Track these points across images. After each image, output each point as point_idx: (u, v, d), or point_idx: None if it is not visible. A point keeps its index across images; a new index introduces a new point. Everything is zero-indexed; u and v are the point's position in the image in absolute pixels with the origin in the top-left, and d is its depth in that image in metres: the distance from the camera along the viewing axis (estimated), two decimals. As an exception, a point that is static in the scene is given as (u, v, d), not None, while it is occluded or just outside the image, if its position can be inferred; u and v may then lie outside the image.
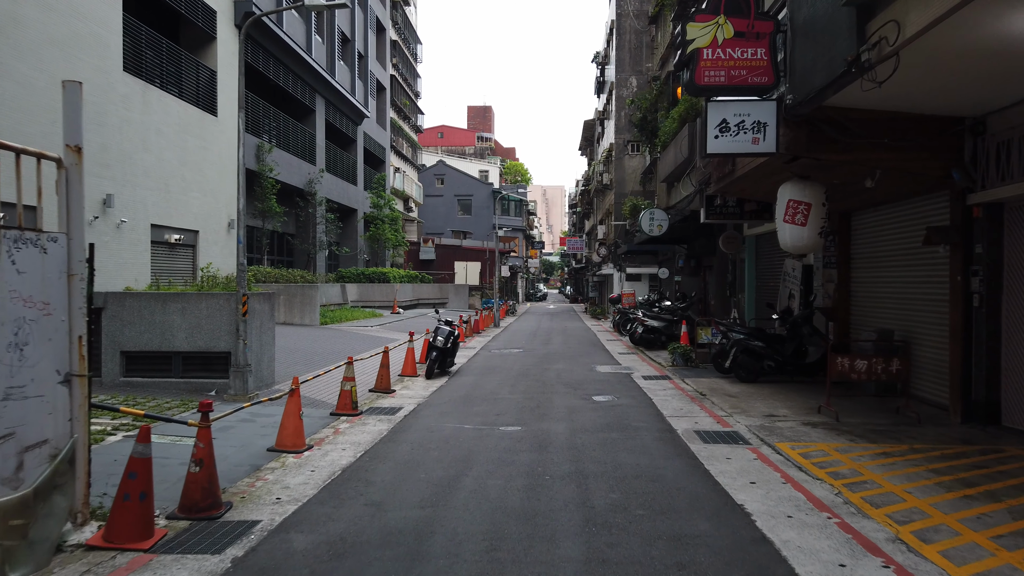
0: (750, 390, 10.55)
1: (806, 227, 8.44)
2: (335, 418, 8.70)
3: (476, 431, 7.89)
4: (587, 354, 17.03)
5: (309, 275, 27.16)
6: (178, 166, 19.33)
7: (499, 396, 10.44)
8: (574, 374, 13.00)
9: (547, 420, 8.48)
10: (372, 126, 40.54)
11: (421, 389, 11.28)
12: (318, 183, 29.52)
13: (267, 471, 6.24)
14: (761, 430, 7.75)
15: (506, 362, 15.23)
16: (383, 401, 10.11)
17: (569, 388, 11.21)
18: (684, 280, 25.77)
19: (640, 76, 32.89)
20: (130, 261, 17.04)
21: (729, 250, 16.86)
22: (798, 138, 8.22)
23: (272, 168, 24.61)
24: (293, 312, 22.62)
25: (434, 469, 6.29)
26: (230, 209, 22.39)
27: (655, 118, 26.39)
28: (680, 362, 13.45)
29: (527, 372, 13.35)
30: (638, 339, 17.49)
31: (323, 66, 30.36)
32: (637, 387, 11.31)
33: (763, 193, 11.08)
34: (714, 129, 8.29)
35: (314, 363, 13.70)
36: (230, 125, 22.27)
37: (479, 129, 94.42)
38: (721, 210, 12.76)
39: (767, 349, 11.11)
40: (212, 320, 10.09)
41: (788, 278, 13.25)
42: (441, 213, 62.95)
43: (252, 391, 9.78)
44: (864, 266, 11.22)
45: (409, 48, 55.08)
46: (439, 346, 12.69)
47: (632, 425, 8.12)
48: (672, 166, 15.16)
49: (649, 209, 17.32)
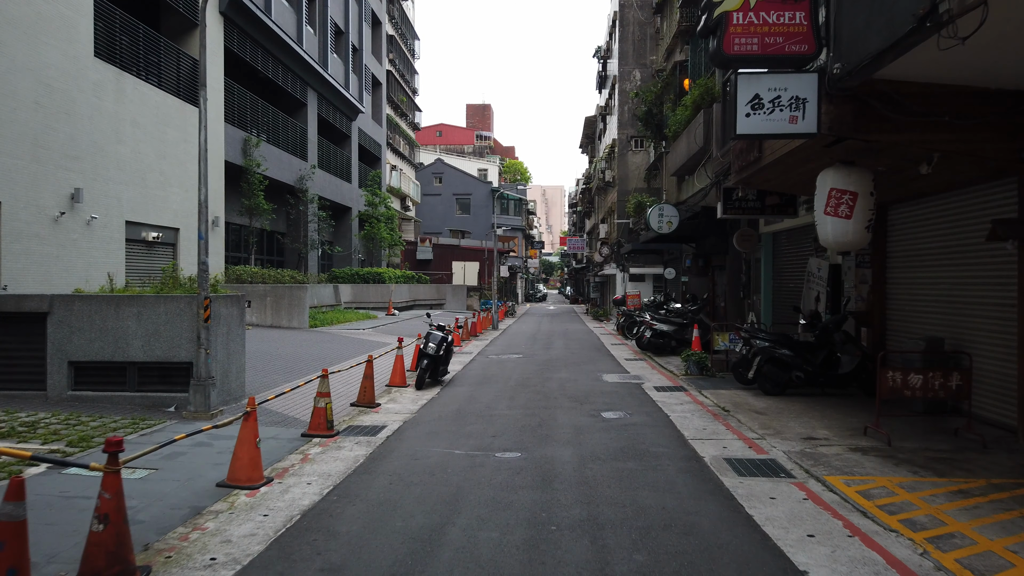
0: (778, 405, 9.38)
1: (851, 220, 7.27)
2: (306, 440, 7.53)
3: (468, 459, 6.73)
4: (591, 360, 15.86)
5: (299, 275, 26.00)
6: (156, 159, 18.17)
7: (496, 412, 9.27)
8: (579, 384, 11.84)
9: (551, 444, 7.31)
10: (367, 122, 39.38)
11: (409, 402, 10.12)
12: (310, 180, 28.36)
13: (209, 516, 5.08)
14: (803, 457, 6.59)
15: (504, 370, 14.07)
16: (365, 418, 8.94)
17: (574, 402, 10.04)
18: (691, 281, 24.61)
19: (644, 69, 31.72)
20: (101, 260, 15.86)
21: (744, 248, 15.70)
22: (843, 116, 7.06)
23: (260, 163, 23.45)
24: (280, 314, 21.46)
25: (414, 514, 5.13)
26: (215, 205, 21.23)
27: (661, 111, 25.22)
28: (695, 371, 12.30)
29: (527, 382, 12.19)
30: (646, 344, 16.34)
31: (315, 58, 29.19)
32: (650, 400, 10.14)
33: (792, 184, 9.93)
34: (745, 107, 7.13)
35: (296, 371, 12.55)
36: (214, 116, 21.10)
37: (478, 128, 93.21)
38: (740, 204, 11.61)
39: (795, 358, 9.94)
40: (172, 326, 8.92)
41: (813, 279, 12.09)
42: (439, 212, 61.77)
43: (216, 407, 8.62)
44: (902, 265, 10.07)
45: (406, 44, 53.90)
46: (430, 354, 11.54)
47: (650, 451, 6.95)
48: (684, 157, 14.01)
49: (657, 205, 16.18)
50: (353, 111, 35.56)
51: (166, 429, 7.75)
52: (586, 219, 60.29)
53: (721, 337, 12.27)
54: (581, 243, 56.66)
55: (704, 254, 22.06)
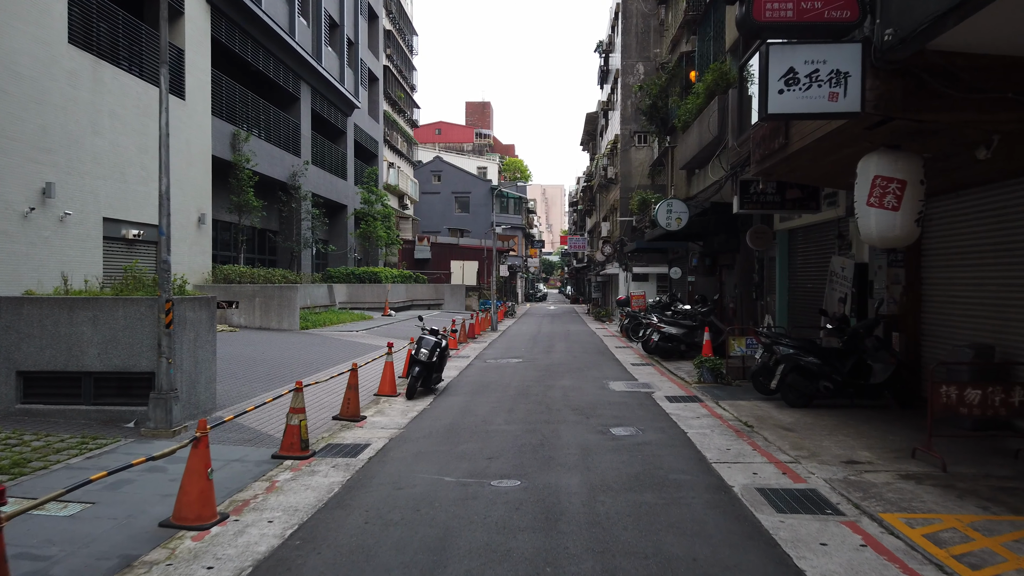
0: (807, 419, 8.46)
1: (899, 212, 6.36)
2: (276, 464, 6.62)
3: (459, 488, 5.81)
4: (595, 365, 14.95)
5: (292, 275, 25.11)
6: (137, 153, 17.25)
7: (492, 427, 8.35)
8: (583, 393, 10.92)
9: (554, 469, 6.39)
10: (364, 118, 38.45)
11: (399, 415, 9.21)
12: (303, 176, 27.43)
13: (141, 569, 4.17)
14: (848, 487, 5.68)
15: (503, 376, 13.15)
16: (347, 434, 8.02)
17: (579, 415, 9.12)
18: (698, 280, 23.70)
19: (648, 63, 30.80)
20: (77, 259, 14.94)
21: (758, 246, 14.79)
22: (891, 93, 6.15)
23: (249, 158, 22.52)
24: (270, 316, 20.55)
25: (391, 568, 4.21)
26: (201, 202, 20.33)
27: (666, 105, 24.30)
28: (709, 378, 11.38)
29: (527, 390, 11.27)
30: (653, 348, 15.42)
31: (308, 51, 28.26)
32: (663, 413, 9.22)
33: (820, 175, 9.01)
34: (778, 82, 6.22)
35: (280, 378, 11.64)
36: (200, 109, 20.20)
37: (477, 126, 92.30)
38: (759, 198, 10.69)
39: (823, 367, 9.02)
40: (132, 332, 8.01)
41: (836, 279, 11.18)
42: (438, 211, 60.85)
43: (180, 422, 7.70)
44: (941, 264, 9.16)
45: (404, 39, 52.97)
46: (423, 360, 10.62)
47: (670, 478, 6.04)
48: (695, 149, 13.10)
49: (665, 200, 15.24)
50: (348, 106, 34.63)
51: (118, 450, 6.84)
52: (587, 218, 59.37)
53: (737, 342, 11.35)
54: (582, 242, 55.76)
55: (712, 253, 21.16)
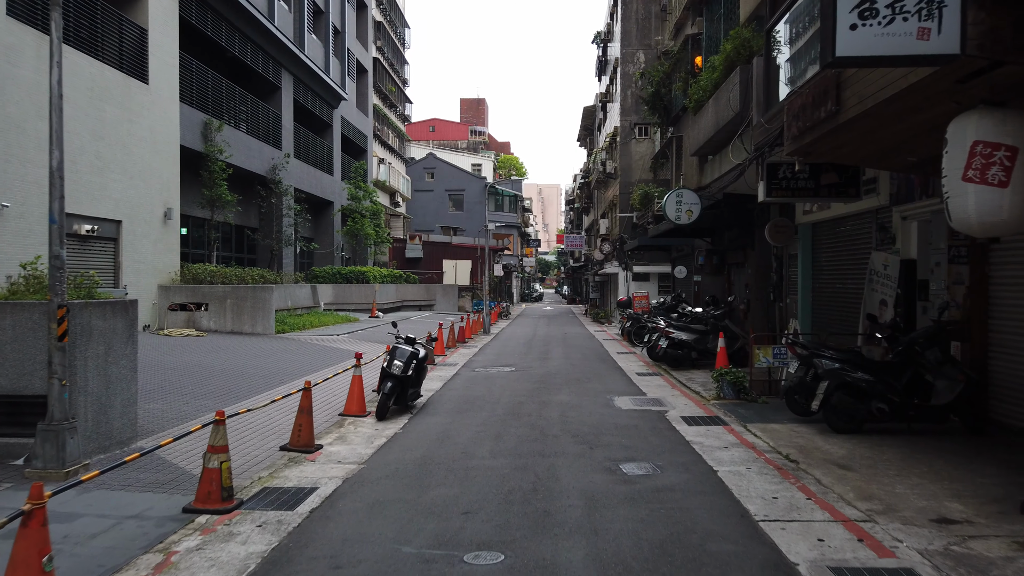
0: (862, 450, 6.88)
1: (1007, 189, 4.80)
2: (185, 521, 5.02)
3: (420, 568, 4.22)
4: (597, 375, 13.36)
5: (271, 275, 23.48)
6: (91, 140, 15.64)
7: (474, 461, 6.76)
8: (585, 412, 9.33)
9: (550, 532, 4.80)
10: (352, 111, 36.81)
11: (362, 443, 7.61)
12: (283, 169, 25.79)
13: None
14: (956, 566, 4.11)
15: (492, 389, 11.56)
16: (292, 472, 6.42)
17: (581, 443, 7.54)
18: (704, 280, 22.15)
19: (649, 51, 29.25)
20: (17, 256, 13.29)
21: (777, 242, 13.21)
22: (1001, 28, 4.61)
23: (223, 149, 20.89)
24: (242, 319, 18.93)
25: None
26: (168, 195, 18.72)
27: (670, 92, 22.75)
28: (729, 394, 9.81)
29: (519, 409, 9.68)
30: (660, 355, 13.84)
31: (289, 37, 26.63)
32: (682, 441, 7.63)
33: (873, 151, 7.44)
34: (850, 14, 4.65)
35: (235, 393, 10.05)
36: (166, 95, 18.57)
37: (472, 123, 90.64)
38: (789, 184, 9.13)
39: (876, 384, 7.45)
40: (23, 345, 6.40)
41: (877, 279, 9.62)
42: (431, 209, 59.19)
43: (77, 459, 6.09)
44: (1016, 260, 7.61)
45: (396, 32, 51.35)
46: (396, 374, 9.03)
47: (708, 550, 4.44)
48: (710, 131, 11.54)
49: (675, 190, 13.64)
50: (335, 98, 33.00)
51: None
52: (584, 215, 57.82)
53: (763, 352, 9.76)
54: (579, 240, 54.18)
55: (720, 250, 19.60)
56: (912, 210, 9.16)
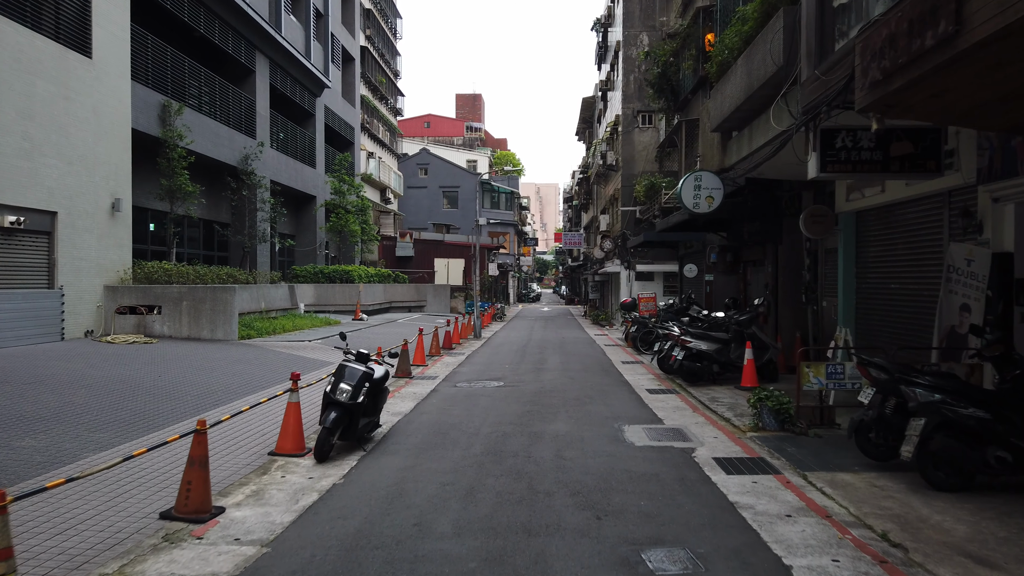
0: (992, 525, 4.79)
1: None
2: None
3: None
4: (601, 393, 11.27)
5: (242, 274, 21.38)
6: (18, 119, 13.55)
7: (427, 547, 4.65)
8: (588, 453, 7.22)
9: None
10: (337, 100, 34.69)
11: (283, 504, 5.51)
12: (257, 159, 23.66)
13: None
14: None
15: (473, 413, 9.47)
16: (152, 566, 4.33)
17: (584, 508, 5.43)
18: (717, 279, 20.09)
19: (653, 32, 27.17)
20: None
21: (815, 234, 11.16)
22: None
23: (183, 134, 18.77)
24: (200, 323, 16.83)
25: None
26: (117, 184, 16.62)
27: (678, 72, 20.70)
28: (771, 423, 7.72)
29: (502, 445, 7.57)
30: (675, 368, 11.74)
31: (264, 17, 24.51)
32: (725, 504, 5.50)
33: (990, 97, 5.38)
34: None
35: (150, 420, 7.96)
36: (115, 71, 16.47)
37: (468, 119, 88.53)
38: (850, 156, 7.09)
39: (994, 424, 5.38)
40: None
41: (958, 277, 7.55)
42: (425, 206, 57.09)
43: None
44: None
45: (387, 21, 49.26)
46: (342, 401, 6.93)
47: None
48: (739, 97, 9.46)
49: (693, 173, 11.53)
50: (317, 85, 30.87)
51: None
52: (583, 213, 55.71)
53: (814, 371, 7.68)
54: (578, 238, 52.04)
55: (735, 246, 17.53)
56: (1009, 189, 7.10)
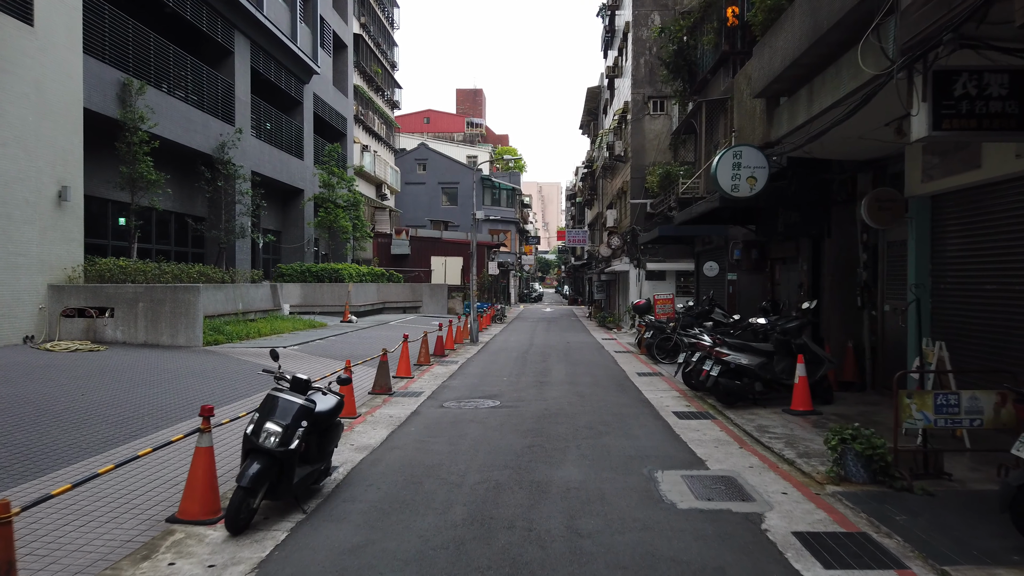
0: None
1: None
2: None
3: None
4: (619, 418, 9.23)
5: (217, 272, 19.38)
6: (-68, 90, 11.56)
7: None
8: (613, 521, 5.17)
9: None
10: (328, 89, 32.68)
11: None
12: (235, 147, 21.65)
13: None
14: None
15: (457, 450, 7.43)
16: None
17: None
18: (740, 279, 18.05)
19: (665, 12, 25.13)
20: None
21: (881, 224, 9.12)
22: None
23: (146, 116, 16.76)
24: (159, 327, 14.83)
25: None
26: (66, 170, 14.63)
27: (695, 49, 18.67)
28: (859, 474, 5.68)
29: (493, 506, 5.54)
30: (709, 385, 9.69)
31: (243, -8, 22.49)
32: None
33: None
34: None
35: (39, 461, 5.93)
36: (63, 42, 14.47)
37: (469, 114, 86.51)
38: (975, 108, 5.10)
39: None
40: None
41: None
42: (423, 203, 55.03)
43: None
44: None
45: (383, 10, 47.23)
46: (269, 448, 4.89)
47: None
48: (801, 44, 7.37)
49: (731, 148, 9.42)
50: (305, 71, 28.86)
51: None
52: (587, 210, 53.60)
53: (917, 402, 5.65)
54: (582, 235, 49.93)
55: (762, 241, 15.48)
56: None
